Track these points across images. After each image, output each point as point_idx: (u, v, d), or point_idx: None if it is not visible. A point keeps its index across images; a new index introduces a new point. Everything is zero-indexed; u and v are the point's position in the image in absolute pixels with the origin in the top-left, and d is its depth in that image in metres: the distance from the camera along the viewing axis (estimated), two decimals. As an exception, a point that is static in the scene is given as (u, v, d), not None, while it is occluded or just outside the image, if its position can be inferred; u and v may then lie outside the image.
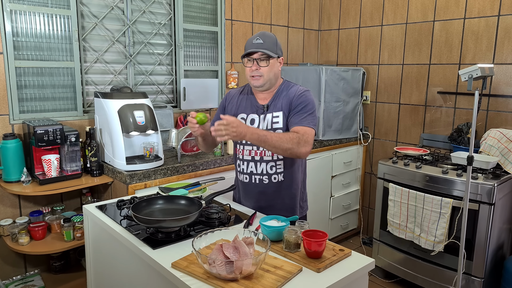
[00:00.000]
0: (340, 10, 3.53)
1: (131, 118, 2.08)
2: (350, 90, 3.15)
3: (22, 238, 2.01)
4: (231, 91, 1.84)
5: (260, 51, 1.60)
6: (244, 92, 1.79)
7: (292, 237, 1.26)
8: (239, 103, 1.76)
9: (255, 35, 1.65)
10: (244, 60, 1.66)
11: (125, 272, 1.43)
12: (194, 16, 2.84)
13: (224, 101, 1.82)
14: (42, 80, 2.25)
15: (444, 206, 2.31)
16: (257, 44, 1.62)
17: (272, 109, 1.68)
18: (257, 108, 1.71)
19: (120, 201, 1.66)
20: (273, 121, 1.67)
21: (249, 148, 1.70)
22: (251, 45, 1.63)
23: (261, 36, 1.63)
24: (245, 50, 1.66)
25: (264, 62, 1.62)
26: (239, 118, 1.71)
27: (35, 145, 1.98)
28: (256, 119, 1.70)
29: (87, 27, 2.38)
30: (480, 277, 2.27)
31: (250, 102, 1.73)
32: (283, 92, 1.71)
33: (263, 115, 1.69)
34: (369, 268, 1.24)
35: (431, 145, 2.99)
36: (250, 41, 1.64)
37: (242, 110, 1.74)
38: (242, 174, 1.75)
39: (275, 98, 1.70)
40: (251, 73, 1.64)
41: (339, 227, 3.31)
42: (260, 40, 1.62)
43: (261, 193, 1.72)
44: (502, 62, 2.60)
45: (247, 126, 1.50)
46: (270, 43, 1.63)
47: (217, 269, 1.06)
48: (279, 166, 1.70)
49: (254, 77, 1.65)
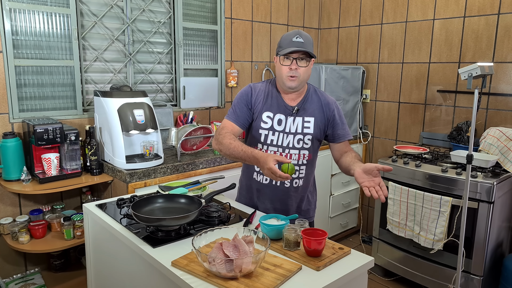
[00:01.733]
0: (340, 8, 3.52)
1: (130, 117, 2.08)
2: (350, 88, 3.15)
3: (22, 236, 2.01)
4: (255, 85, 1.70)
5: (302, 50, 1.52)
6: (268, 89, 1.68)
7: (292, 236, 1.26)
8: (265, 100, 1.65)
9: (293, 32, 1.56)
10: (281, 58, 1.56)
11: (125, 271, 1.43)
12: (193, 15, 2.84)
13: (250, 94, 1.66)
14: (41, 78, 2.25)
15: (444, 204, 2.32)
16: (298, 42, 1.52)
17: (302, 112, 1.63)
18: (286, 108, 1.63)
19: (120, 199, 1.66)
20: (304, 125, 1.63)
21: (274, 149, 1.64)
22: (292, 43, 1.53)
23: (300, 34, 1.55)
24: (281, 47, 1.56)
25: (304, 62, 1.55)
26: (265, 117, 1.64)
27: (35, 143, 1.98)
28: (283, 119, 1.63)
29: (87, 25, 2.38)
30: (479, 275, 2.28)
31: (277, 100, 1.64)
32: (313, 96, 1.66)
33: (292, 117, 1.63)
34: (369, 267, 1.24)
35: (430, 144, 2.99)
36: (289, 38, 1.54)
37: (268, 108, 1.64)
38: (262, 174, 1.68)
39: (304, 101, 1.64)
40: (289, 72, 1.55)
41: (338, 226, 3.31)
42: (301, 38, 1.53)
43: (279, 196, 1.68)
44: (502, 61, 2.60)
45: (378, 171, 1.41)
46: (309, 43, 1.56)
47: (217, 268, 1.07)
48: (301, 171, 1.67)
49: (291, 78, 1.56)
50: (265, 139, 1.65)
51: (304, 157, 1.66)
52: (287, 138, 1.63)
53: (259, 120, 1.65)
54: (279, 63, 1.58)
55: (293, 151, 1.64)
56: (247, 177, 1.77)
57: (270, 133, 1.64)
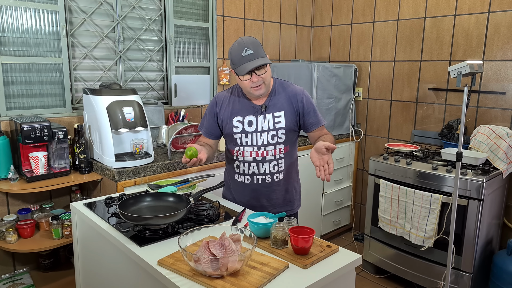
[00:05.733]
0: (332, 6, 3.52)
1: (120, 115, 2.06)
2: (342, 86, 3.15)
3: (9, 236, 1.99)
4: (219, 95, 1.76)
5: (258, 66, 1.52)
6: (234, 94, 1.72)
7: (280, 234, 1.25)
8: (232, 106, 1.70)
9: (239, 46, 1.54)
10: (240, 76, 1.57)
11: (113, 270, 1.42)
12: (185, 12, 2.81)
13: (214, 106, 1.74)
14: (29, 76, 2.22)
15: (434, 202, 2.33)
16: (249, 55, 1.52)
17: (271, 109, 1.66)
18: (254, 109, 1.67)
19: (109, 198, 1.65)
20: (275, 120, 1.66)
21: (249, 150, 1.68)
22: (243, 58, 1.52)
23: (248, 45, 1.53)
24: (235, 64, 1.55)
25: (262, 69, 1.56)
26: (235, 121, 1.68)
27: (22, 142, 1.96)
28: (253, 120, 1.67)
29: (76, 22, 2.35)
30: (469, 272, 2.29)
31: (244, 104, 1.69)
32: (279, 90, 1.69)
33: (262, 116, 1.66)
34: (356, 264, 1.24)
35: (422, 142, 3.00)
36: (239, 55, 1.53)
37: (237, 112, 1.69)
38: (242, 175, 1.73)
39: (271, 98, 1.68)
40: (253, 84, 1.57)
41: (331, 223, 3.32)
42: (250, 50, 1.52)
43: (262, 192, 1.72)
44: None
45: (328, 149, 1.42)
46: (258, 48, 1.54)
47: (203, 266, 1.06)
48: (280, 165, 1.71)
49: (256, 88, 1.58)
50: (240, 141, 1.70)
51: (280, 151, 1.70)
52: (261, 136, 1.67)
53: (230, 126, 1.70)
54: (239, 79, 1.59)
55: (268, 147, 1.68)
56: (230, 178, 1.82)
57: (243, 135, 1.69)
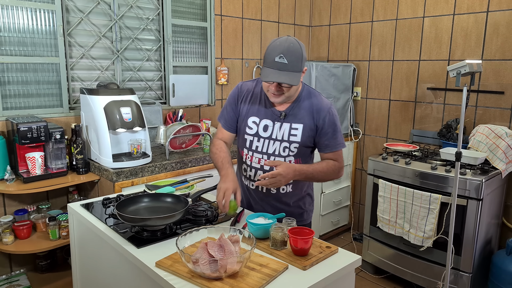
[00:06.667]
0: (331, 5, 3.51)
1: (117, 115, 2.05)
2: (340, 86, 3.14)
3: (6, 237, 1.97)
4: (243, 85, 1.62)
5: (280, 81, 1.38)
6: (257, 90, 1.59)
7: (279, 235, 1.24)
8: (251, 103, 1.58)
9: (279, 47, 1.37)
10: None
11: (111, 272, 1.41)
12: (183, 11, 2.80)
13: (237, 94, 1.62)
14: (26, 76, 2.20)
15: (433, 202, 2.32)
16: (280, 64, 1.36)
17: (291, 119, 1.53)
18: (273, 114, 1.55)
19: (106, 199, 1.63)
20: (291, 133, 1.54)
21: (258, 156, 1.58)
22: (273, 63, 1.37)
23: (286, 52, 1.36)
24: (263, 61, 1.42)
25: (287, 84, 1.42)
26: (251, 122, 1.58)
27: (19, 142, 1.94)
28: (270, 125, 1.55)
29: (73, 22, 2.33)
30: (468, 272, 2.29)
31: (265, 105, 1.56)
32: (305, 101, 1.54)
33: (279, 123, 1.54)
34: (356, 265, 1.23)
35: (421, 141, 3.00)
36: (272, 57, 1.37)
37: (255, 113, 1.57)
38: (248, 180, 1.66)
39: (294, 106, 1.54)
40: (270, 89, 1.45)
41: (330, 223, 3.31)
42: (285, 59, 1.35)
43: (268, 201, 1.65)
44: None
45: (294, 170, 1.41)
46: (295, 62, 1.37)
47: (201, 268, 1.05)
48: None
49: (274, 95, 1.46)
50: (250, 145, 1.60)
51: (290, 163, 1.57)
52: (274, 145, 1.56)
53: (245, 125, 1.61)
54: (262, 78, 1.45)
55: (278, 158, 1.57)
56: (238, 177, 1.72)
57: (255, 139, 1.59)
